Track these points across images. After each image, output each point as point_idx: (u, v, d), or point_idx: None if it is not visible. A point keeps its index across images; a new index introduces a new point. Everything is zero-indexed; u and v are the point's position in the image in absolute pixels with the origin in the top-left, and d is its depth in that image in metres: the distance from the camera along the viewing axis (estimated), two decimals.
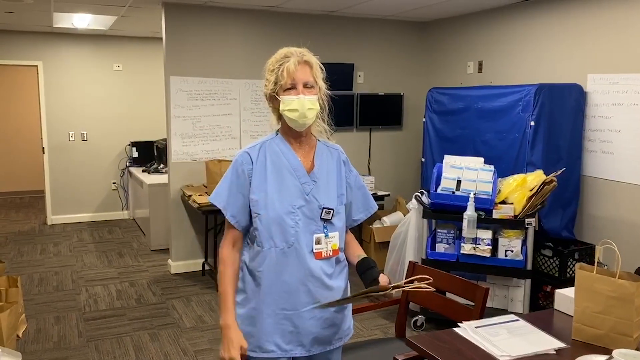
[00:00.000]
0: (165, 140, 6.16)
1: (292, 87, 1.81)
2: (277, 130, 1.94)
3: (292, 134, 1.89)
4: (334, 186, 1.93)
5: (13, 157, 9.47)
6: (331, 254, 1.89)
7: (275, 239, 1.84)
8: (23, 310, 4.17)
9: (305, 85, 1.82)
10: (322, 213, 1.87)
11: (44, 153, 7.43)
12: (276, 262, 1.84)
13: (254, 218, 1.86)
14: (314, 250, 1.86)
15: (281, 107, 1.82)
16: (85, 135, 7.61)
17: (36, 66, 7.28)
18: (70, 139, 7.54)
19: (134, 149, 7.66)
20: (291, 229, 1.84)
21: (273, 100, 1.87)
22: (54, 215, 7.58)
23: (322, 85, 1.91)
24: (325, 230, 1.88)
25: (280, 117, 1.89)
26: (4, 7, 5.40)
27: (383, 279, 1.85)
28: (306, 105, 1.81)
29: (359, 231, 5.67)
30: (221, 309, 1.87)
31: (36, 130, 8.26)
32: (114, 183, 7.85)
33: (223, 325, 1.86)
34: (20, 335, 3.88)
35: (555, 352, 1.87)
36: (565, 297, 2.22)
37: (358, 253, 2.01)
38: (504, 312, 3.76)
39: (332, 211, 1.88)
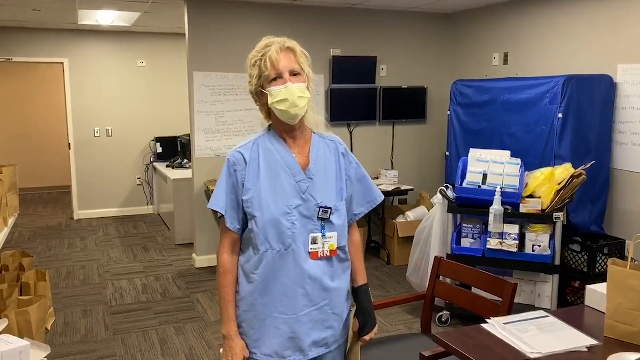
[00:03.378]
0: (188, 135, 6.19)
1: (278, 77, 1.72)
2: (269, 126, 1.85)
3: (284, 128, 1.79)
4: (332, 181, 1.83)
5: (40, 153, 9.63)
6: (328, 254, 1.79)
7: (271, 241, 1.75)
8: (51, 304, 4.23)
9: (291, 73, 1.72)
10: (319, 212, 1.77)
11: (70, 149, 7.54)
12: (272, 264, 1.76)
13: (249, 220, 1.78)
14: (310, 250, 1.77)
15: (269, 100, 1.73)
16: (110, 131, 7.69)
17: (62, 63, 7.38)
18: (96, 135, 7.63)
19: (158, 144, 7.74)
20: (288, 230, 1.75)
21: (260, 95, 1.78)
22: (80, 210, 7.69)
23: (310, 72, 1.78)
24: (322, 230, 1.78)
25: (269, 113, 1.80)
26: (30, 5, 5.48)
27: (355, 326, 1.92)
28: (295, 94, 1.70)
29: (382, 226, 5.64)
30: (223, 319, 1.83)
31: (62, 126, 8.39)
32: (138, 178, 7.93)
33: (225, 335, 1.82)
34: (49, 328, 3.94)
35: (586, 349, 1.82)
36: (596, 293, 2.16)
37: (356, 278, 1.94)
38: (531, 307, 3.70)
39: (329, 210, 1.78)
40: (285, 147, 1.80)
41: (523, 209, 3.68)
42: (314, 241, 1.77)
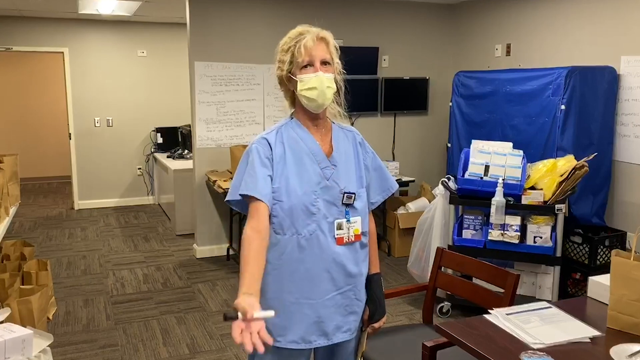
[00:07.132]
0: (189, 126, 6.18)
1: (309, 65, 1.75)
2: (292, 114, 1.88)
3: (308, 116, 1.83)
4: (353, 169, 1.87)
5: (40, 144, 9.62)
6: (353, 239, 1.83)
7: (297, 226, 1.78)
8: (53, 293, 4.23)
9: (322, 62, 1.76)
10: (343, 198, 1.81)
11: (70, 139, 7.53)
12: (298, 249, 1.78)
13: (274, 205, 1.78)
14: (336, 236, 1.80)
15: (299, 87, 1.75)
16: (110, 121, 7.68)
17: (62, 52, 7.35)
18: (96, 125, 7.62)
19: (159, 134, 7.72)
20: (313, 216, 1.78)
21: (288, 81, 1.80)
22: (80, 200, 7.69)
23: (339, 65, 1.84)
24: (347, 215, 1.82)
25: (294, 100, 1.84)
26: None
27: (365, 313, 1.95)
28: (325, 83, 1.74)
29: (383, 217, 5.64)
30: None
31: (63, 116, 8.37)
32: (139, 168, 7.93)
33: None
34: (51, 318, 3.94)
35: (589, 340, 1.82)
36: (599, 285, 2.16)
37: (369, 266, 1.96)
38: (531, 299, 3.70)
39: (353, 195, 1.82)
40: (309, 135, 1.84)
41: (525, 200, 3.68)
42: (339, 227, 1.81)
